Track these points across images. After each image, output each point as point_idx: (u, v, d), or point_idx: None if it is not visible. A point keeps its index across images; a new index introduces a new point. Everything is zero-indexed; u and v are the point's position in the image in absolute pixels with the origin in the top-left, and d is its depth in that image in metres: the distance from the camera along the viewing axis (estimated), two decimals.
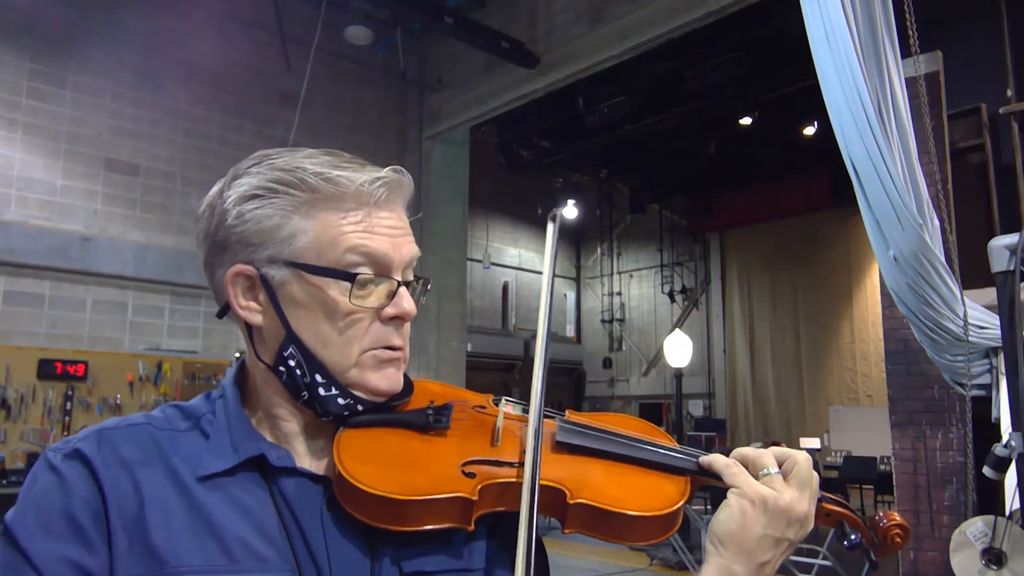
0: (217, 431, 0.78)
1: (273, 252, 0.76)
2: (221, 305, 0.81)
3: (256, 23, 8.58)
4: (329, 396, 0.77)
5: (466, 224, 10.91)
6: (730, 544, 0.74)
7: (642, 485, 0.79)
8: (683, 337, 12.33)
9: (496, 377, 17.14)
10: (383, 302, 0.78)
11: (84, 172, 7.77)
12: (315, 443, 0.80)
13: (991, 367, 3.68)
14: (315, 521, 0.74)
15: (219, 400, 0.82)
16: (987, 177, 5.31)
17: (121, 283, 7.87)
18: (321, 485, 0.77)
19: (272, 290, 0.77)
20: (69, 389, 7.24)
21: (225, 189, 0.79)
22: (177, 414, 0.80)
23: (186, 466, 0.74)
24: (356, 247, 0.76)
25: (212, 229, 0.79)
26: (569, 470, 0.79)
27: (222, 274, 0.79)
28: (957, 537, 3.10)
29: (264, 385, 0.81)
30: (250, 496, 0.74)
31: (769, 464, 0.78)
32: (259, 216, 0.76)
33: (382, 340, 0.79)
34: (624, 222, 18.85)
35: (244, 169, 0.80)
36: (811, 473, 0.78)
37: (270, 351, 0.79)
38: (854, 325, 14.93)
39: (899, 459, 5.14)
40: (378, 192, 0.78)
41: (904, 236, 3.34)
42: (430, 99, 10.43)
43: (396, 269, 0.79)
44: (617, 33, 8.01)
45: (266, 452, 0.76)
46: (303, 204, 0.76)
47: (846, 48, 3.22)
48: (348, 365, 0.77)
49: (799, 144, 12.90)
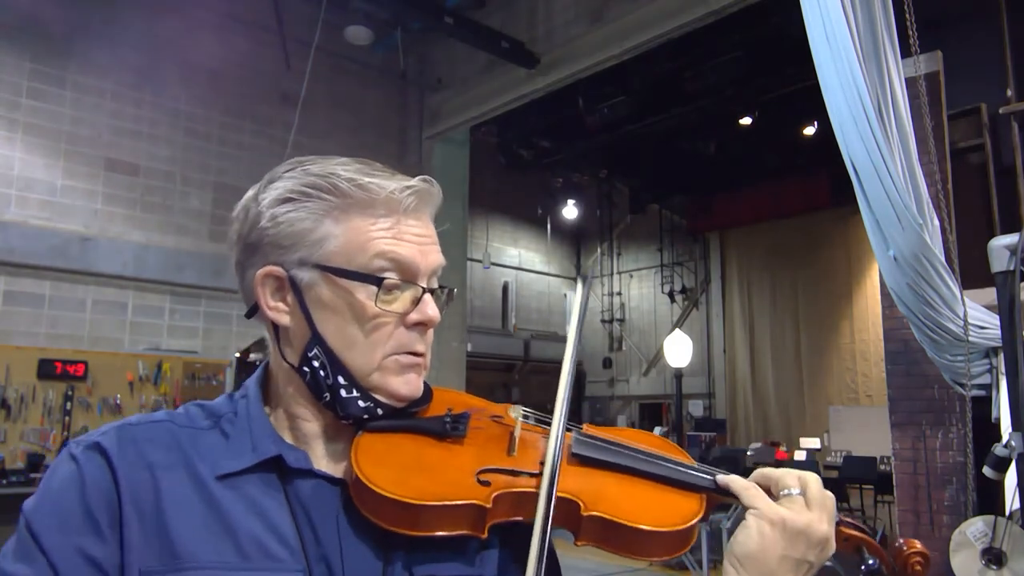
0: (237, 431, 0.79)
1: (303, 255, 0.78)
2: (250, 305, 0.83)
3: (256, 23, 8.58)
4: (350, 398, 0.78)
5: (466, 224, 10.91)
6: (750, 565, 0.74)
7: (657, 501, 0.79)
8: (683, 337, 12.33)
9: (496, 377, 17.14)
10: (408, 308, 0.79)
11: (84, 172, 7.77)
12: (334, 446, 0.81)
13: (991, 367, 3.68)
14: (330, 523, 0.75)
15: (241, 400, 0.83)
16: (987, 177, 5.31)
17: (121, 283, 7.87)
18: (338, 488, 0.77)
19: (300, 292, 0.78)
20: (69, 389, 7.23)
21: (260, 192, 0.81)
22: (199, 412, 0.82)
23: (205, 464, 0.75)
24: (384, 253, 0.78)
25: (246, 231, 0.81)
26: (585, 483, 0.79)
27: (252, 275, 0.80)
28: (957, 537, 3.10)
29: (287, 385, 0.82)
30: (266, 496, 0.74)
31: (791, 485, 0.78)
32: (292, 219, 0.78)
33: (405, 345, 0.80)
34: (624, 222, 18.85)
35: (279, 174, 0.82)
36: (825, 494, 0.78)
37: (295, 352, 0.80)
38: (854, 325, 14.92)
39: (899, 459, 5.13)
40: (408, 200, 0.79)
41: (904, 236, 3.34)
42: (430, 99, 10.43)
43: (422, 276, 0.80)
44: (617, 33, 8.01)
45: (284, 453, 0.77)
46: (334, 209, 0.78)
47: (846, 48, 3.22)
48: (371, 368, 0.78)
49: (799, 144, 12.89)
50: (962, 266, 3.67)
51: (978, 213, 5.24)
